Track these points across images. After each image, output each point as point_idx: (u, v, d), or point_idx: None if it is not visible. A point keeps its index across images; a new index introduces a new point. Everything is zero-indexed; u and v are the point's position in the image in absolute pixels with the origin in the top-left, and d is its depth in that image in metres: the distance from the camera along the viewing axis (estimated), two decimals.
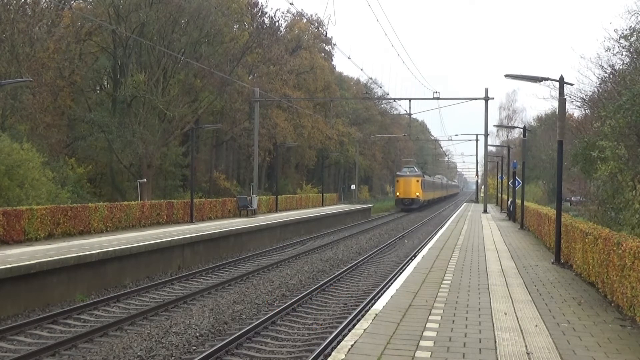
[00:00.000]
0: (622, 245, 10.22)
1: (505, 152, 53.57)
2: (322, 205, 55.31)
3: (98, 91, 46.13)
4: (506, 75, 17.95)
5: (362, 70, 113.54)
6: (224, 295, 15.82)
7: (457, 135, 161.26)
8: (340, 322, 12.65)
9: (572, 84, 20.34)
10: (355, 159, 75.25)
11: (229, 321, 12.96)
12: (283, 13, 72.60)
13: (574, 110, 44.24)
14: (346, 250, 26.99)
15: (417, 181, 65.22)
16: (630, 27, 22.19)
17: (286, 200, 46.67)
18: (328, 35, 79.86)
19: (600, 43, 47.90)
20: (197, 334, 11.78)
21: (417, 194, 64.81)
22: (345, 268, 20.53)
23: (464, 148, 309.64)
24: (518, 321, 9.82)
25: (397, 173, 70.68)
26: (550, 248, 19.62)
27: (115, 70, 41.41)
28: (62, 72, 35.92)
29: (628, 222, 17.60)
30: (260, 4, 53.18)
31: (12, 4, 31.78)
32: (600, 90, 29.50)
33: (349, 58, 67.26)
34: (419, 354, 7.90)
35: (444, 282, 13.50)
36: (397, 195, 66.90)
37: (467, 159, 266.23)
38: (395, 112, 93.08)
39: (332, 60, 76.48)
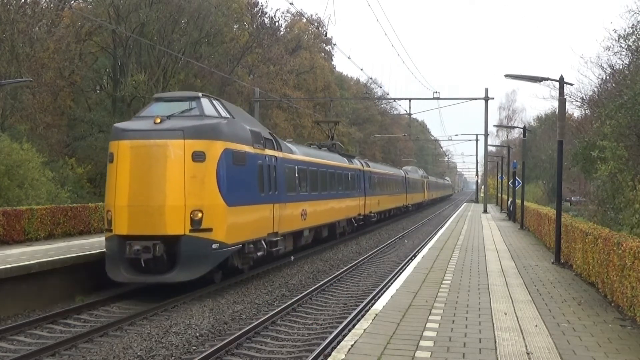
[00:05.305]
0: (622, 245, 10.22)
1: (505, 152, 53.58)
2: None
3: (98, 91, 46.13)
4: (506, 75, 17.98)
5: (362, 70, 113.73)
6: (224, 295, 15.81)
7: (457, 135, 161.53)
8: (340, 322, 12.64)
9: (572, 84, 20.40)
10: None
11: (229, 321, 12.95)
12: (283, 13, 72.63)
13: (574, 110, 44.36)
14: (346, 250, 26.98)
15: (208, 156, 14.69)
16: (632, 25, 22.22)
17: None
18: (328, 35, 79.90)
19: (600, 43, 48.02)
20: (197, 334, 11.77)
21: (199, 213, 14.37)
22: (345, 268, 20.52)
23: (464, 148, 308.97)
24: (518, 321, 9.82)
25: (118, 127, 15.29)
26: (550, 248, 19.62)
27: (115, 70, 41.42)
28: (62, 72, 35.92)
29: (628, 222, 17.63)
30: (260, 4, 53.28)
31: (12, 4, 31.77)
32: (600, 90, 29.53)
33: (349, 58, 67.23)
34: (419, 354, 7.90)
35: (444, 282, 13.50)
36: (110, 230, 14.54)
37: (467, 159, 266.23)
38: (395, 112, 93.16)
39: (332, 60, 76.60)
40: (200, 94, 16.63)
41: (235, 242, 15.65)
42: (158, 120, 14.86)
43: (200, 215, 14.42)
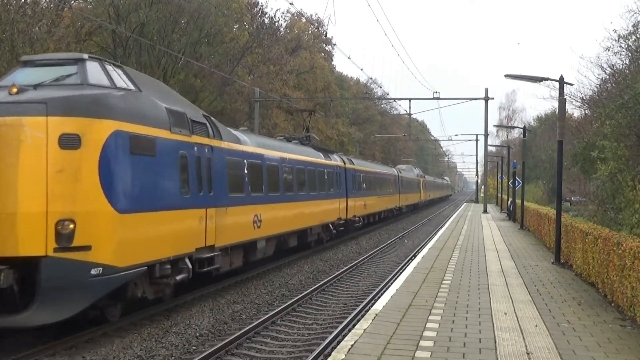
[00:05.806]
0: (622, 245, 10.23)
1: (505, 152, 53.61)
2: None
3: None
4: (506, 75, 18.00)
5: (362, 70, 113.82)
6: (224, 295, 15.82)
7: (457, 135, 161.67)
8: (340, 322, 12.64)
9: (572, 84, 20.42)
10: None
11: (229, 321, 12.96)
12: (283, 13, 72.58)
13: (574, 110, 44.33)
14: (346, 250, 26.98)
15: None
16: (632, 25, 22.26)
17: None
18: (328, 35, 80.00)
19: (600, 43, 48.04)
20: (197, 334, 11.78)
21: (70, 223, 10.06)
22: (345, 268, 20.52)
23: (464, 148, 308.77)
24: (518, 321, 9.83)
25: None
26: (550, 248, 19.63)
27: None
28: None
29: (628, 222, 17.64)
30: (260, 4, 53.24)
31: (12, 4, 31.79)
32: (600, 90, 29.55)
33: (349, 58, 67.19)
34: (419, 354, 7.90)
35: (444, 282, 13.51)
36: None
37: (467, 159, 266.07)
38: (395, 112, 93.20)
39: (332, 60, 76.61)
40: (86, 56, 11.88)
41: (133, 264, 11.03)
42: (14, 90, 10.35)
43: (71, 226, 10.02)
